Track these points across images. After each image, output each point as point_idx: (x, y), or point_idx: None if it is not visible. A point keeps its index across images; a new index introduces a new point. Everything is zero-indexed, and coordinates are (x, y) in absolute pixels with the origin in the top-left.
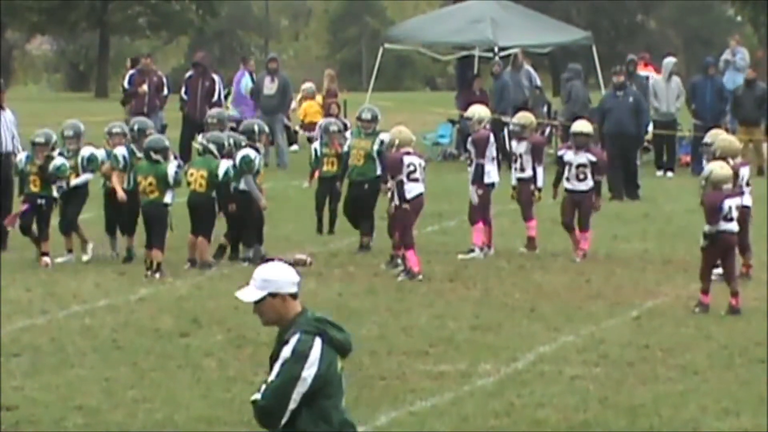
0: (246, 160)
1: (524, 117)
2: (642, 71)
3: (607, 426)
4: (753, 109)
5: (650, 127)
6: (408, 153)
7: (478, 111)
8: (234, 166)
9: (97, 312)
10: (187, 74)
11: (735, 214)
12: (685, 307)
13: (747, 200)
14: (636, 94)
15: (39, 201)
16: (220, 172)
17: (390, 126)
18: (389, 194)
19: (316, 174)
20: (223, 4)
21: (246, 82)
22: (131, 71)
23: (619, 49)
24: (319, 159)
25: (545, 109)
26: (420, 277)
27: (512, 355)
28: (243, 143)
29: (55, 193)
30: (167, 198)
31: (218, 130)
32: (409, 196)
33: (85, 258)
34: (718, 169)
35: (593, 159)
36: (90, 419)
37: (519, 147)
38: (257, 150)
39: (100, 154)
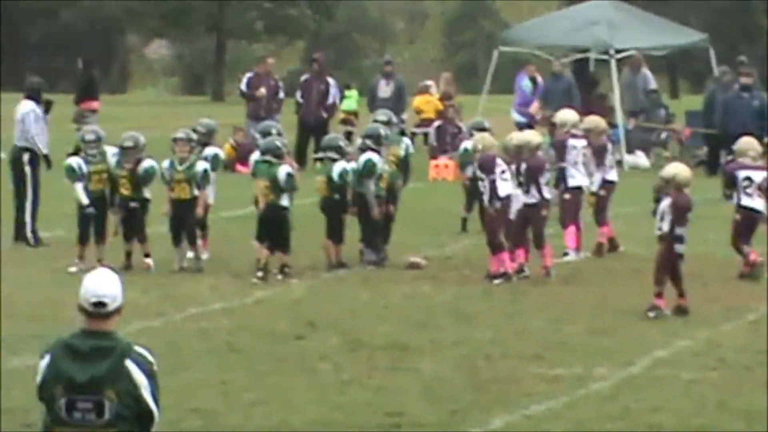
0: (368, 164)
1: (592, 121)
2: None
3: (723, 430)
4: None
5: None
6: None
7: (565, 115)
8: (347, 169)
9: (213, 315)
10: (302, 78)
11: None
12: None
13: None
14: (761, 97)
15: (132, 204)
16: (335, 175)
17: (506, 129)
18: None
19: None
20: (339, 8)
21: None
22: (248, 74)
23: (738, 51)
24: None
25: (662, 112)
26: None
27: (628, 359)
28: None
29: (147, 195)
30: (283, 201)
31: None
32: (501, 194)
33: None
34: (683, 171)
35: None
36: (206, 422)
37: (581, 155)
38: (380, 154)
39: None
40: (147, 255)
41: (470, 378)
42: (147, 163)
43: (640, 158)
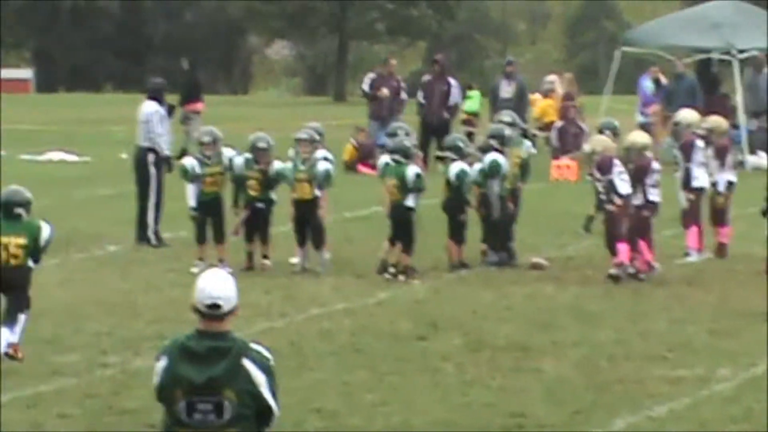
0: (494, 164)
1: (714, 121)
2: None
3: None
4: None
5: None
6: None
7: (686, 116)
8: (464, 170)
9: (336, 315)
10: (424, 78)
11: None
12: None
13: None
14: None
15: (258, 205)
16: (451, 176)
17: (628, 130)
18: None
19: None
20: (460, 9)
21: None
22: (371, 75)
23: None
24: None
25: None
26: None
27: (751, 360)
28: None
29: (273, 196)
30: (409, 201)
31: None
32: (621, 191)
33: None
34: None
35: None
36: (329, 422)
37: (703, 156)
38: (504, 155)
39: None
40: (266, 256)
41: (592, 379)
42: (278, 165)
43: (762, 159)
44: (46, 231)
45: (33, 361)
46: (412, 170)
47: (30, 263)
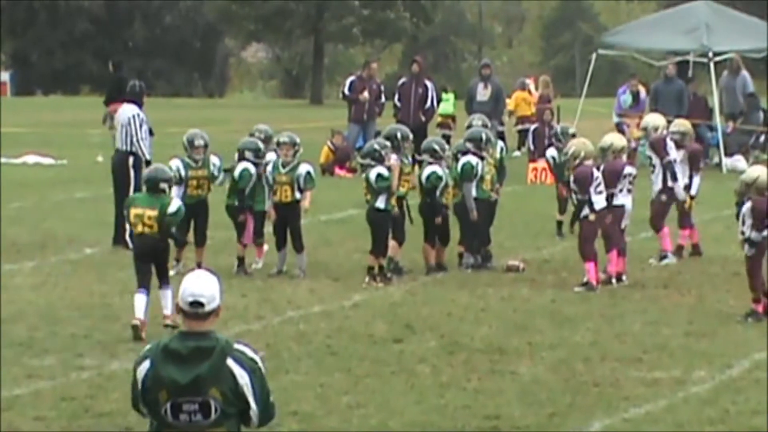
0: (467, 166)
1: (683, 124)
2: None
3: None
4: None
5: None
6: (598, 167)
7: (654, 119)
8: (437, 173)
9: (312, 318)
10: (400, 81)
11: None
12: None
13: None
14: None
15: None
16: (423, 179)
17: (603, 133)
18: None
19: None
20: (437, 11)
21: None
22: (351, 78)
23: None
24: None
25: (761, 115)
26: (597, 289)
27: (727, 362)
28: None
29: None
30: (379, 203)
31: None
32: (597, 207)
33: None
34: (764, 175)
35: None
36: (305, 425)
37: (677, 155)
38: (482, 158)
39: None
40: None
41: (568, 381)
42: (242, 166)
43: (739, 161)
44: (174, 205)
45: (9, 364)
46: (374, 172)
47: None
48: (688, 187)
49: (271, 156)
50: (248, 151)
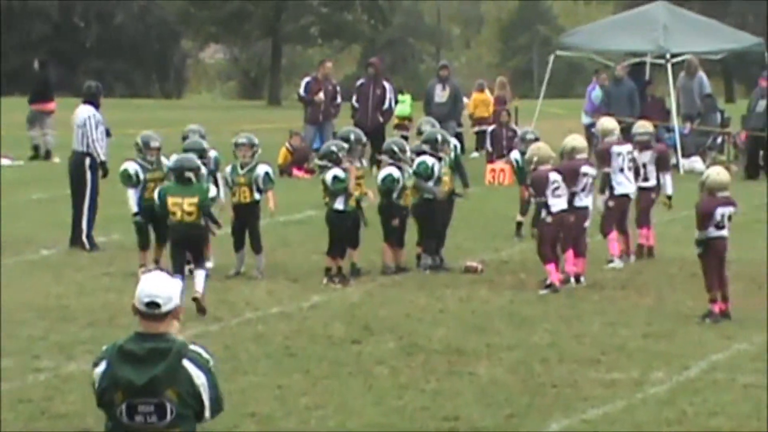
0: (422, 166)
1: (645, 126)
2: None
3: None
4: None
5: None
6: (556, 170)
7: (606, 123)
8: (392, 175)
9: (270, 319)
10: (359, 82)
11: (727, 222)
12: None
13: None
14: None
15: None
16: (379, 180)
17: (562, 134)
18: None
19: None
20: (395, 13)
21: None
22: (307, 79)
23: None
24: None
25: (718, 116)
26: (559, 289)
27: (685, 363)
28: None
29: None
30: (337, 204)
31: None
32: (553, 210)
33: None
34: (714, 174)
35: None
36: (263, 426)
37: (643, 156)
38: (439, 159)
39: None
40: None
41: (527, 382)
42: (263, 169)
43: (696, 162)
44: (212, 191)
45: None
46: (330, 174)
47: (202, 221)
48: (655, 189)
49: (212, 153)
50: (194, 153)
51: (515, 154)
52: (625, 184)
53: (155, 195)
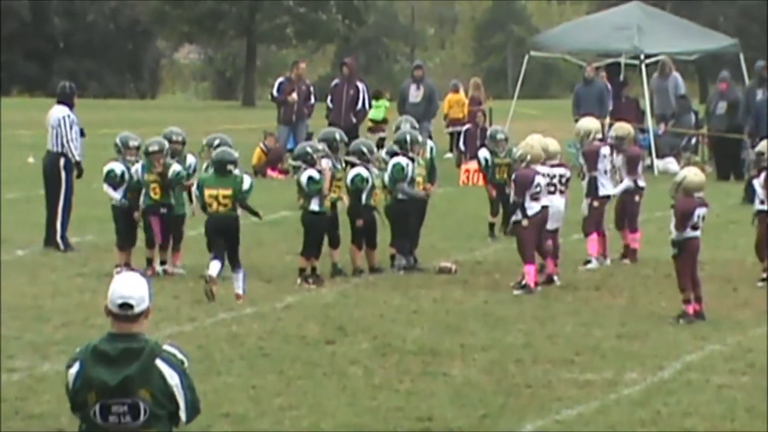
0: (396, 167)
1: (622, 128)
2: None
3: None
4: None
5: None
6: (537, 172)
7: (586, 124)
8: (361, 176)
9: (244, 320)
10: (333, 82)
11: (701, 223)
12: None
13: None
14: None
15: (162, 210)
16: (348, 181)
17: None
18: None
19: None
20: (369, 13)
21: None
22: (280, 79)
23: None
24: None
25: (692, 117)
26: (535, 290)
27: (659, 363)
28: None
29: (173, 200)
30: (313, 205)
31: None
32: (530, 213)
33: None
34: (691, 175)
35: None
36: (237, 426)
37: (616, 159)
38: (411, 159)
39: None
40: (164, 262)
41: (501, 383)
42: (177, 167)
43: (671, 163)
44: (247, 181)
45: None
46: (305, 175)
47: (237, 212)
48: (638, 191)
49: (190, 159)
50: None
51: (484, 153)
52: (608, 186)
53: (193, 188)
